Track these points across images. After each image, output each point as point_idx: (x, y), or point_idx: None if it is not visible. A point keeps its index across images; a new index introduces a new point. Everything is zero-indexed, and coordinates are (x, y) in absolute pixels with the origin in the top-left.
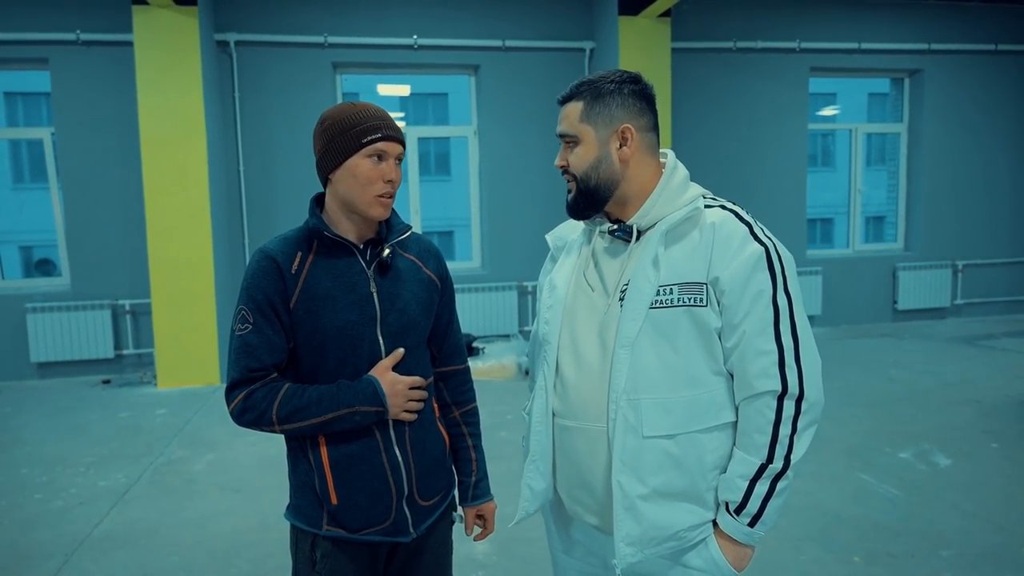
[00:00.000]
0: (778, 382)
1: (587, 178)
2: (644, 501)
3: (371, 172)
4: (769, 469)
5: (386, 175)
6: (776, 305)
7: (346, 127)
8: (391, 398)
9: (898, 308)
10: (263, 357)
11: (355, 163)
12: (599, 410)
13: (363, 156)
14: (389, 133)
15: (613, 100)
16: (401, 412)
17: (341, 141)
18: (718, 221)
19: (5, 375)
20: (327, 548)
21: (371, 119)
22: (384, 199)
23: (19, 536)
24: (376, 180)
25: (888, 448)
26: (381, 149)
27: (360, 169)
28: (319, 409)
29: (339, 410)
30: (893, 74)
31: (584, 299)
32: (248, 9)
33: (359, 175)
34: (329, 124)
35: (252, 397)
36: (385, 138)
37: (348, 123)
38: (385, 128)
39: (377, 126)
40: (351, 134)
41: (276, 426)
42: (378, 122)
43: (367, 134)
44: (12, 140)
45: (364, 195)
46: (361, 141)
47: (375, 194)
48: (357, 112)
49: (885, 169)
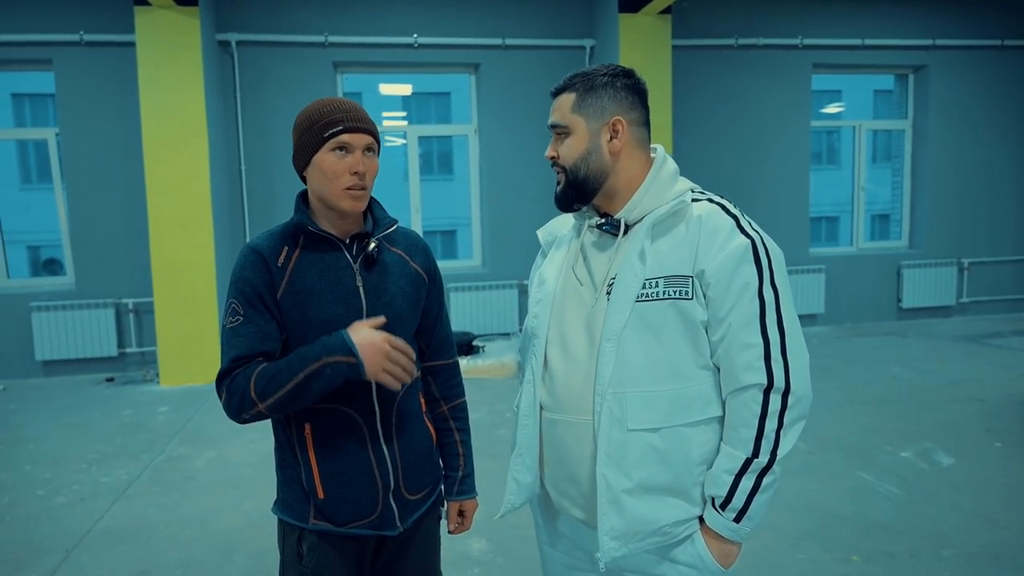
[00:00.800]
0: (764, 375)
1: (576, 169)
2: (628, 495)
3: (336, 165)
4: (755, 464)
5: (352, 167)
6: (762, 298)
7: (311, 123)
8: (365, 348)
9: (902, 306)
10: (253, 345)
11: (321, 158)
12: (585, 403)
13: (327, 150)
14: (352, 124)
15: (605, 92)
16: (380, 372)
17: (307, 137)
18: (704, 214)
19: (10, 373)
20: (314, 542)
21: (334, 112)
22: (353, 191)
23: (21, 532)
24: (342, 173)
25: (889, 447)
26: (344, 141)
27: (325, 163)
28: (290, 371)
29: (310, 365)
30: (897, 70)
31: (573, 293)
32: (249, 9)
33: (325, 169)
34: (298, 122)
35: (233, 383)
36: (348, 130)
37: (313, 118)
38: (348, 120)
39: (339, 119)
40: (315, 129)
41: (259, 405)
42: (341, 115)
43: (329, 127)
44: (20, 141)
45: (332, 189)
46: (323, 135)
47: (343, 187)
48: (322, 107)
49: (891, 166)
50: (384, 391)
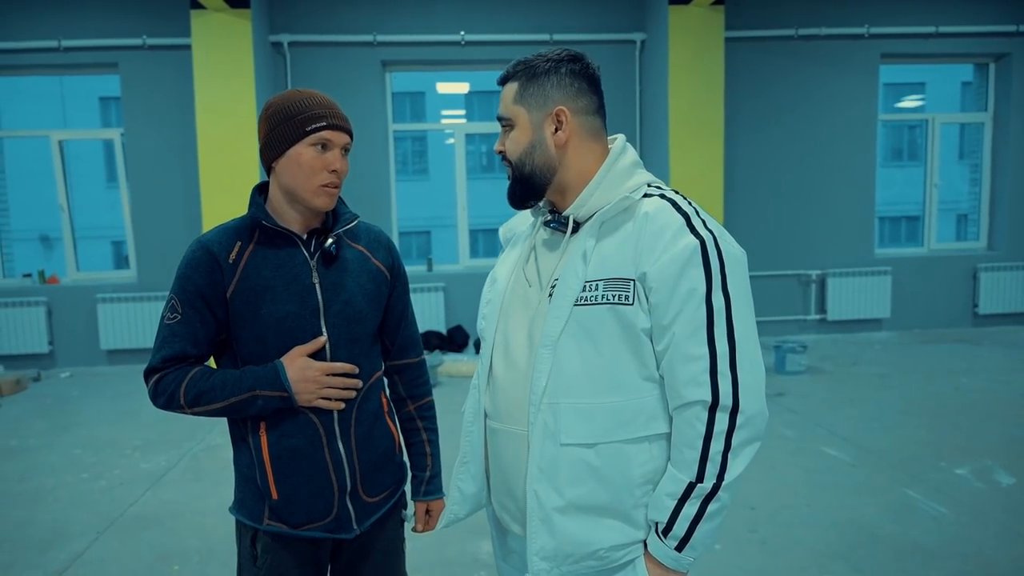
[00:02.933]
0: (708, 391)
1: (522, 164)
2: (560, 514)
3: (314, 161)
4: (698, 489)
5: (330, 164)
6: (710, 305)
7: (290, 115)
8: (298, 383)
9: (979, 312)
10: (185, 348)
11: (298, 152)
12: (522, 413)
13: (307, 145)
14: (335, 122)
15: (548, 80)
16: (316, 399)
17: (285, 129)
18: (652, 211)
19: (77, 361)
20: (268, 543)
21: (316, 107)
22: (329, 189)
23: (60, 513)
24: (320, 170)
25: (943, 463)
26: (326, 138)
27: (304, 158)
28: (223, 393)
29: (241, 394)
30: (976, 59)
31: (521, 294)
32: (299, 10)
33: (303, 164)
34: (273, 111)
35: (163, 381)
36: (330, 127)
37: (292, 111)
38: (331, 117)
39: (322, 114)
40: (295, 122)
41: (186, 409)
42: (323, 110)
43: (311, 122)
44: (106, 142)
45: (308, 185)
46: (305, 129)
47: (319, 184)
48: (302, 99)
49: (971, 163)
50: None
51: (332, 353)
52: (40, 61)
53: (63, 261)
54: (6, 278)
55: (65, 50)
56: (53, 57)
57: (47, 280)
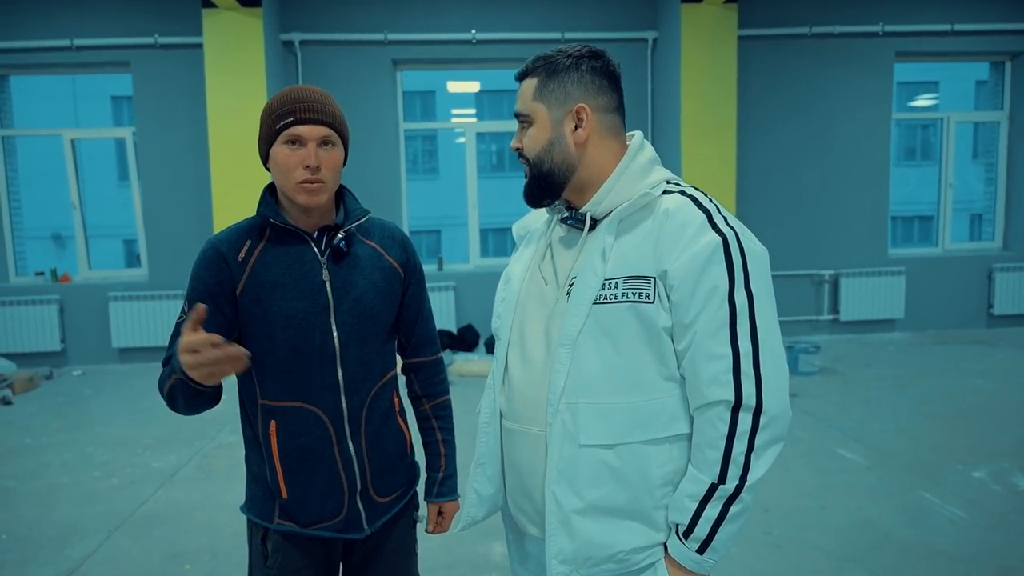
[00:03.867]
0: (731, 391)
1: (540, 162)
2: (579, 516)
3: (288, 159)
4: (720, 490)
5: (304, 160)
6: (733, 303)
7: (266, 115)
8: (185, 362)
9: (994, 313)
10: None
11: (275, 151)
12: (540, 413)
13: (281, 143)
14: (304, 116)
15: (569, 77)
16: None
17: (264, 130)
18: (672, 208)
19: (89, 359)
20: (278, 542)
21: (288, 104)
22: (307, 185)
23: (72, 511)
24: (295, 167)
25: (960, 465)
26: (296, 134)
27: (279, 156)
28: (162, 381)
29: (170, 379)
30: (992, 58)
31: (537, 293)
32: (310, 9)
33: (279, 163)
34: (261, 115)
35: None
36: (300, 121)
37: (268, 110)
38: (300, 111)
39: (290, 110)
40: (269, 122)
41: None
42: (293, 105)
43: (281, 119)
44: (118, 140)
45: (287, 183)
46: (276, 128)
47: (296, 181)
48: (279, 97)
49: (986, 163)
50: (352, 388)
51: (342, 351)
52: (53, 60)
53: (75, 259)
54: (19, 276)
55: (77, 49)
56: (65, 56)
57: (59, 278)
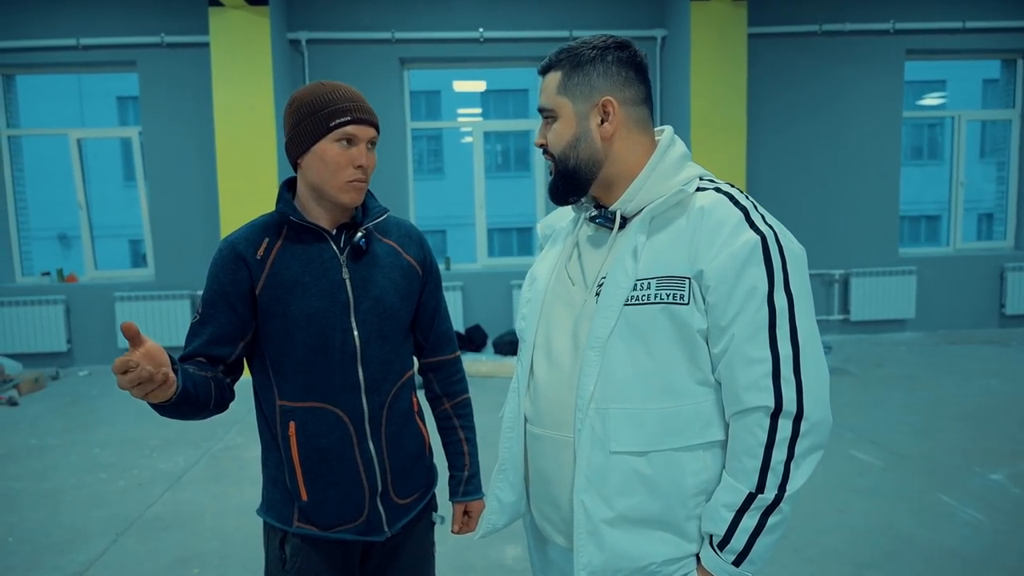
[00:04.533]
0: (771, 396)
1: (565, 158)
2: (609, 526)
3: (340, 157)
4: (759, 500)
5: (356, 160)
6: (772, 305)
7: (314, 109)
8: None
9: (1006, 312)
10: (198, 347)
11: (323, 147)
12: (567, 418)
13: (331, 140)
14: (359, 116)
15: (594, 69)
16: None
17: (309, 124)
18: (708, 205)
19: (95, 359)
20: (297, 545)
21: (341, 101)
22: (355, 184)
23: (79, 514)
24: (345, 165)
25: (978, 468)
26: (350, 133)
27: (329, 154)
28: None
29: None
30: (1003, 55)
31: (563, 293)
32: (318, 7)
33: (328, 160)
34: (297, 106)
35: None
36: (355, 121)
37: (316, 105)
38: (355, 111)
39: (347, 108)
40: (319, 117)
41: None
42: (348, 104)
43: (335, 117)
44: (124, 140)
45: (334, 181)
46: (329, 124)
47: (345, 180)
48: (326, 93)
49: (997, 161)
50: (373, 388)
51: (363, 351)
52: (59, 59)
53: (80, 259)
54: (25, 276)
55: (84, 48)
56: (72, 55)
57: (65, 279)
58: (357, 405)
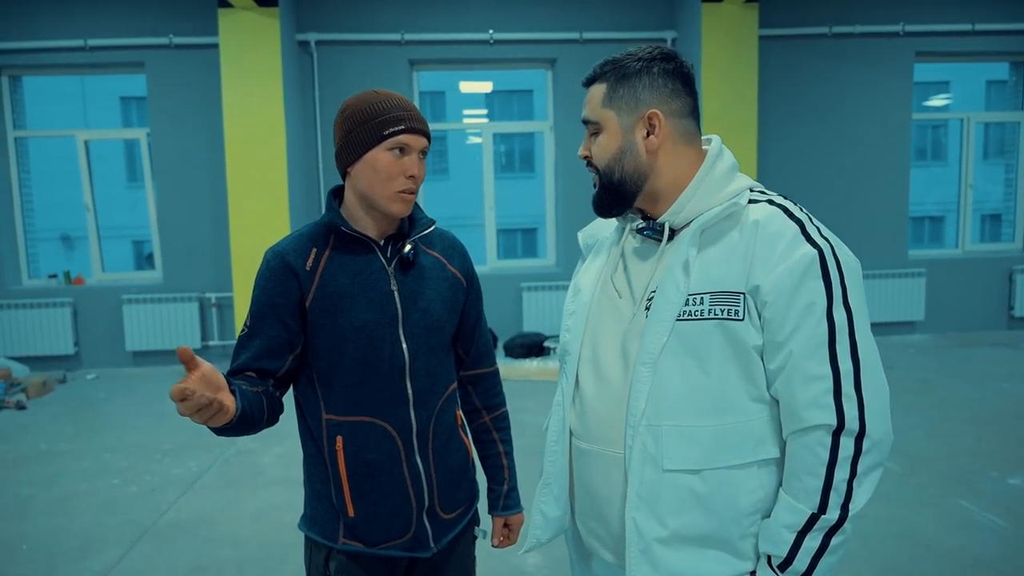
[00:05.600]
0: (833, 414)
1: (610, 171)
2: (662, 545)
3: (392, 166)
4: (822, 520)
5: (408, 170)
6: (832, 320)
7: (367, 117)
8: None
9: (1015, 315)
10: (248, 361)
11: (375, 156)
12: (617, 434)
13: (384, 149)
14: (413, 125)
15: (640, 81)
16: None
17: (361, 132)
18: (762, 218)
19: (103, 362)
20: (342, 562)
21: (394, 109)
22: (406, 195)
23: (93, 520)
24: (397, 175)
25: (995, 472)
26: (404, 142)
27: (380, 163)
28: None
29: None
30: (1013, 57)
31: (610, 306)
32: (327, 8)
33: (379, 169)
34: (349, 114)
35: None
36: (408, 130)
37: (369, 113)
38: (409, 120)
39: (400, 117)
40: (372, 125)
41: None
42: (402, 113)
43: (389, 125)
44: (127, 142)
45: (384, 190)
46: (383, 133)
47: (396, 190)
48: (380, 101)
49: (1004, 163)
50: (421, 401)
51: (411, 363)
52: (66, 60)
53: (83, 261)
54: (31, 279)
55: (91, 49)
56: (79, 56)
57: (72, 281)
58: (406, 419)
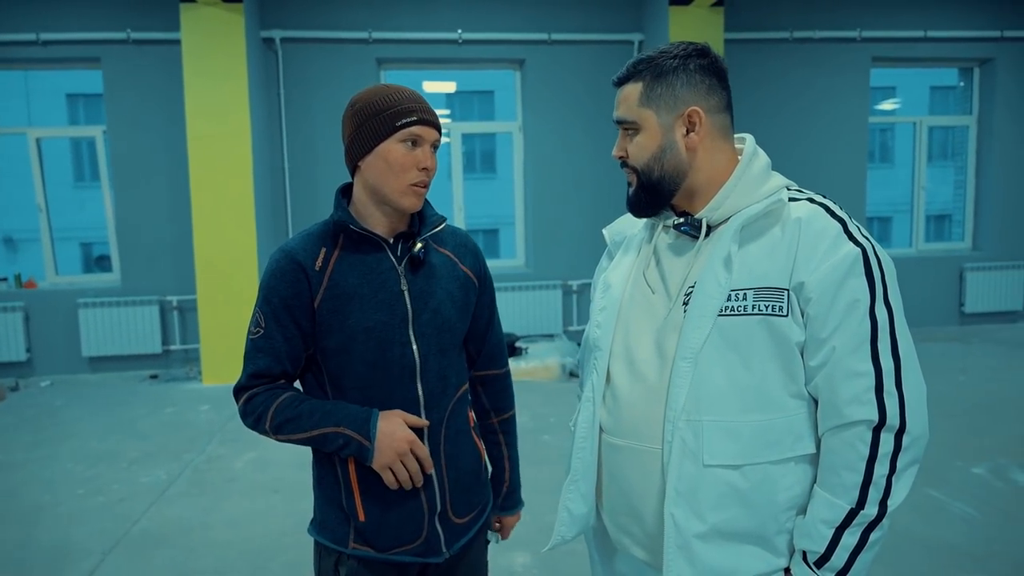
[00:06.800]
0: (875, 410)
1: (649, 170)
2: (701, 540)
3: (404, 158)
4: (861, 516)
5: (420, 162)
6: (874, 318)
7: (378, 109)
8: (383, 439)
9: (965, 311)
10: (270, 364)
11: (387, 148)
12: (654, 429)
13: (396, 141)
14: (425, 117)
15: (677, 79)
16: (386, 469)
17: (373, 124)
18: (805, 216)
19: (58, 368)
20: (353, 567)
21: (406, 101)
22: (418, 188)
23: (60, 532)
24: (410, 167)
25: (959, 462)
26: (416, 134)
27: (393, 155)
28: (310, 422)
29: (327, 426)
30: (962, 64)
31: (642, 301)
32: (293, 6)
33: (391, 161)
34: (360, 107)
35: (252, 402)
36: (421, 122)
37: (381, 105)
38: (421, 111)
39: (412, 108)
40: (384, 116)
41: (271, 434)
42: (413, 105)
43: (401, 116)
44: (73, 140)
45: (396, 183)
46: (395, 124)
47: (408, 182)
48: (391, 94)
49: (949, 165)
50: (432, 403)
51: (422, 365)
52: (16, 55)
53: (31, 264)
54: None
55: (44, 44)
56: (31, 51)
57: (24, 284)
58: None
